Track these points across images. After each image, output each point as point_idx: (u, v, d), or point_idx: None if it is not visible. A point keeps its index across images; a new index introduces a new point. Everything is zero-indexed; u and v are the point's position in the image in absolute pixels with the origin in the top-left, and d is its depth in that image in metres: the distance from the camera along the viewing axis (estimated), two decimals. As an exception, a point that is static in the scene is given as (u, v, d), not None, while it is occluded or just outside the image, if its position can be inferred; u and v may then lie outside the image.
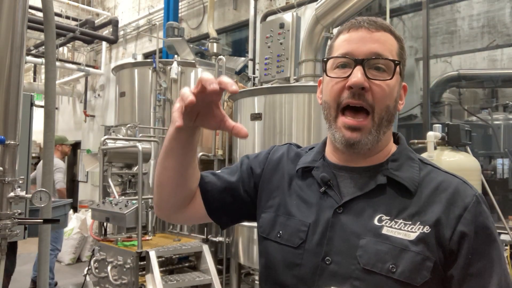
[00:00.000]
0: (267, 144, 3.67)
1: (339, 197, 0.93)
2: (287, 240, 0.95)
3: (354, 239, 0.87)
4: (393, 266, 0.83)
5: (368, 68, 0.89)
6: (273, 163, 1.09)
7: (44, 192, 1.75)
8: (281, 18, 4.29)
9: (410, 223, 0.86)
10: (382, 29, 0.92)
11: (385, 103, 0.90)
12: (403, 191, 0.89)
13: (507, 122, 4.94)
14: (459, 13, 5.45)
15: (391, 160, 0.94)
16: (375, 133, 0.90)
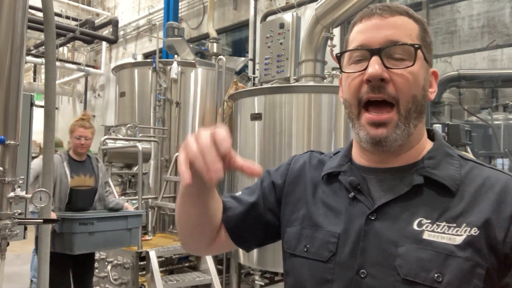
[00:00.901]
0: (267, 144, 3.67)
1: (370, 202, 0.83)
2: (315, 253, 0.86)
3: (391, 247, 0.77)
4: (438, 275, 0.73)
5: (387, 57, 0.80)
6: (294, 173, 0.99)
7: (44, 192, 1.75)
8: (281, 18, 4.29)
9: (454, 225, 0.76)
10: (397, 13, 0.83)
11: (411, 93, 0.80)
12: (443, 191, 0.80)
13: (507, 122, 4.94)
14: (459, 13, 5.45)
15: (427, 158, 0.84)
16: (404, 127, 0.80)
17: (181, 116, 5.02)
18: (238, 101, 4.09)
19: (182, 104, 5.01)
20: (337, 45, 4.10)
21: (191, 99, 5.07)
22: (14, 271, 5.85)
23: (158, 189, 4.76)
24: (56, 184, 3.11)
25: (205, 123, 5.08)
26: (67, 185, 3.18)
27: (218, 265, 4.30)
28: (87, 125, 3.31)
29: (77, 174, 3.28)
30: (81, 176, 3.29)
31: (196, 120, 5.10)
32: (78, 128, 3.26)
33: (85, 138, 3.27)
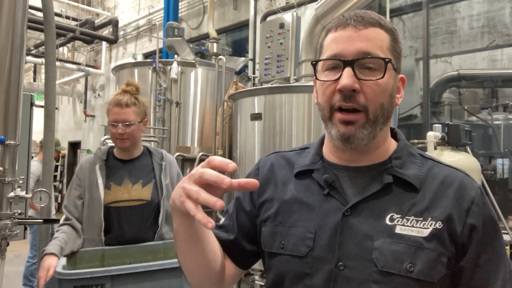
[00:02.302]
0: (267, 144, 3.67)
1: (344, 199, 0.89)
2: (292, 249, 0.91)
3: (367, 241, 0.84)
4: (410, 266, 0.81)
5: (359, 67, 0.86)
6: (264, 175, 1.03)
7: (44, 192, 1.76)
8: (281, 18, 4.29)
9: (421, 219, 0.84)
10: (370, 24, 0.88)
11: (379, 102, 0.87)
12: (409, 188, 0.88)
13: (507, 122, 4.94)
14: (459, 13, 5.45)
15: (394, 157, 0.92)
16: (370, 129, 0.87)
17: (181, 116, 5.02)
18: (238, 101, 4.09)
19: (182, 104, 5.01)
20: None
21: (191, 99, 5.07)
22: (14, 271, 5.86)
23: (158, 189, 4.76)
24: (85, 201, 2.02)
25: (205, 123, 5.08)
26: (99, 201, 1.97)
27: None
28: (125, 100, 2.01)
29: (119, 181, 2.05)
30: (126, 184, 2.06)
31: (196, 120, 5.10)
32: (112, 108, 2.03)
33: (124, 123, 2.00)
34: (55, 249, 1.77)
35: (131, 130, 2.02)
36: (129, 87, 2.07)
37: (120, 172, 2.09)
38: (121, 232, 1.98)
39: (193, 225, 0.85)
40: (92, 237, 1.96)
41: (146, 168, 2.13)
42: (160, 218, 2.03)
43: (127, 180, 2.07)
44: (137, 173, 2.10)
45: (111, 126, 2.03)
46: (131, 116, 2.02)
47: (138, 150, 2.16)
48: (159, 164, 2.14)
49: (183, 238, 0.88)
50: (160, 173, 2.11)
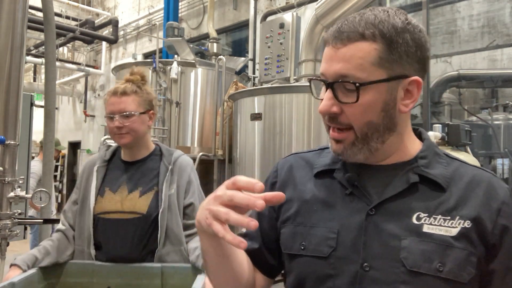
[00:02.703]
0: (267, 144, 3.67)
1: (368, 198, 0.87)
2: (314, 250, 0.88)
3: (394, 241, 0.82)
4: (440, 265, 0.79)
5: (342, 87, 0.82)
6: (283, 176, 1.01)
7: (44, 192, 1.75)
8: (281, 18, 4.29)
9: (449, 218, 0.82)
10: (349, 40, 0.81)
11: (363, 121, 0.83)
12: (436, 188, 0.86)
13: (507, 122, 4.94)
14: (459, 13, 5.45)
15: (420, 157, 0.89)
16: (361, 145, 0.85)
17: (181, 116, 5.02)
18: (238, 101, 4.09)
19: (182, 104, 5.01)
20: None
21: (191, 99, 5.07)
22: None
23: (158, 189, 4.75)
24: (78, 207, 1.75)
25: (205, 123, 5.08)
26: (89, 210, 1.68)
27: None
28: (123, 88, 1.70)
29: (114, 187, 1.72)
30: (122, 191, 1.71)
31: (196, 120, 5.10)
32: (109, 98, 1.72)
33: (121, 114, 1.67)
34: (22, 261, 1.54)
35: (130, 123, 1.67)
36: (133, 76, 1.75)
37: (120, 176, 1.74)
38: (112, 249, 1.64)
39: (221, 244, 0.83)
40: (82, 248, 1.68)
41: (150, 173, 1.74)
42: (159, 236, 1.64)
43: (124, 186, 1.71)
44: (138, 178, 1.73)
45: (108, 120, 1.70)
46: (130, 105, 1.68)
47: (145, 149, 1.78)
48: (166, 168, 1.73)
49: (213, 258, 0.87)
50: (164, 180, 1.70)
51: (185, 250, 1.70)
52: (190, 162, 1.83)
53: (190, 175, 1.78)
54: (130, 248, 1.64)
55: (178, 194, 1.72)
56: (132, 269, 1.61)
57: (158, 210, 1.66)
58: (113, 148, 1.84)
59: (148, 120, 1.76)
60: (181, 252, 1.69)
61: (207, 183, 4.84)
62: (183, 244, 1.70)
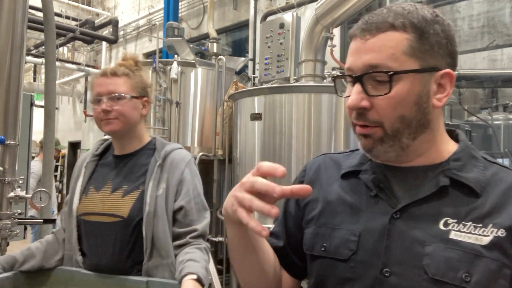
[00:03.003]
0: (267, 144, 3.67)
1: (393, 201, 0.83)
2: (334, 252, 0.85)
3: (417, 246, 0.77)
4: (467, 275, 0.73)
5: (371, 80, 0.79)
6: (310, 177, 0.99)
7: (44, 192, 1.75)
8: (281, 18, 4.29)
9: (480, 225, 0.76)
10: (379, 30, 0.79)
11: (395, 115, 0.79)
12: (469, 193, 0.80)
13: (507, 122, 4.94)
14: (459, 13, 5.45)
15: (453, 159, 0.83)
16: (392, 142, 0.80)
17: (181, 116, 5.02)
18: (238, 101, 4.09)
19: (182, 104, 5.01)
20: (337, 45, 4.09)
21: (191, 99, 5.07)
22: (14, 271, 5.85)
23: (158, 189, 4.76)
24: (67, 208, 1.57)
25: (205, 123, 5.08)
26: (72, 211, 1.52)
27: (218, 265, 4.30)
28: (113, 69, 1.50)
29: (99, 185, 1.52)
30: (106, 190, 1.51)
31: (196, 120, 5.10)
32: (96, 79, 1.52)
33: (110, 95, 1.46)
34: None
35: (120, 106, 1.44)
36: (125, 61, 1.54)
37: (108, 172, 1.53)
38: (93, 256, 1.45)
39: (248, 234, 0.82)
40: (71, 253, 1.50)
41: (139, 169, 1.50)
42: (145, 246, 1.40)
43: (109, 184, 1.50)
44: (124, 175, 1.50)
45: (95, 104, 1.47)
46: (120, 87, 1.46)
47: (137, 142, 1.55)
48: (157, 164, 1.48)
49: (238, 248, 0.85)
50: (151, 178, 1.45)
51: (172, 265, 1.41)
52: (186, 157, 1.55)
53: (183, 172, 1.50)
54: (111, 257, 1.42)
55: (167, 196, 1.45)
56: (116, 282, 1.40)
57: (142, 214, 1.42)
58: (108, 142, 1.61)
59: (141, 107, 1.53)
60: (169, 267, 1.41)
61: (207, 183, 4.84)
62: (171, 257, 1.42)
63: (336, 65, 4.25)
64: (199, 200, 1.52)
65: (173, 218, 1.47)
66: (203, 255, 1.42)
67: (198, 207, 1.50)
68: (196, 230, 1.46)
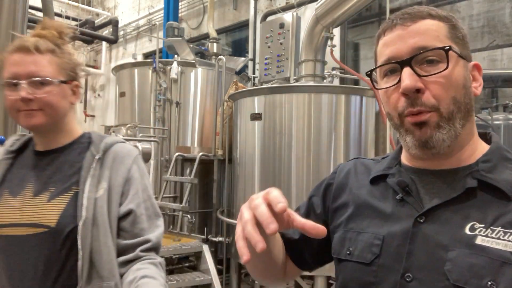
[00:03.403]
0: (267, 144, 3.67)
1: (419, 205, 0.81)
2: (358, 256, 0.85)
3: (440, 251, 0.75)
4: (492, 283, 0.69)
5: (418, 64, 0.78)
6: (340, 180, 0.99)
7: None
8: (281, 18, 4.29)
9: (511, 231, 0.72)
10: (419, 18, 0.81)
11: (450, 96, 0.78)
12: (499, 196, 0.76)
13: (507, 122, 4.94)
14: (459, 13, 5.45)
15: (482, 161, 0.81)
16: (448, 127, 0.78)
17: (181, 116, 5.03)
18: (238, 101, 4.09)
19: (182, 104, 5.01)
20: (337, 45, 4.10)
21: (191, 99, 5.07)
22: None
23: (158, 189, 4.76)
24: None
25: (205, 123, 5.08)
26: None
27: (218, 265, 4.30)
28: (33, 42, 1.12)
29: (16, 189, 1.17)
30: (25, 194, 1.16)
31: (196, 120, 5.10)
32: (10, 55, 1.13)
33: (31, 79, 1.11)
34: None
35: (45, 94, 1.12)
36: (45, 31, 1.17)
37: (27, 173, 1.19)
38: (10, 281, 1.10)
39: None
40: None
41: (70, 167, 1.18)
42: (80, 264, 1.07)
43: (29, 187, 1.16)
44: (50, 174, 1.18)
45: (8, 89, 1.11)
46: (45, 68, 1.13)
47: (65, 135, 1.23)
48: (93, 158, 1.17)
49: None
50: (87, 176, 1.14)
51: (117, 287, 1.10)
52: (133, 152, 1.26)
53: (131, 169, 1.21)
54: (32, 282, 1.08)
55: (109, 198, 1.15)
56: None
57: (76, 222, 1.09)
58: (28, 136, 1.28)
59: (70, 94, 1.21)
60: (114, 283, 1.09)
61: (207, 183, 4.84)
62: (115, 278, 1.10)
63: (336, 65, 4.25)
64: (150, 205, 1.24)
65: (118, 227, 1.16)
66: (159, 271, 1.13)
67: (149, 213, 1.22)
68: (148, 241, 1.16)
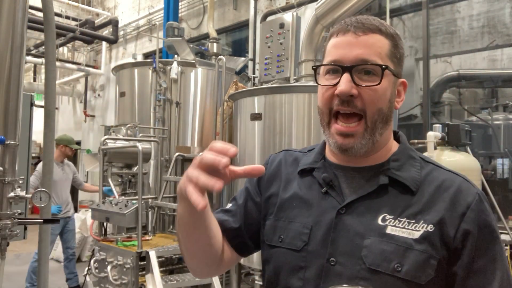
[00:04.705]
0: (267, 144, 3.67)
1: (341, 198, 0.92)
2: (289, 243, 0.95)
3: (358, 239, 0.87)
4: (398, 265, 0.83)
5: (357, 72, 0.88)
6: (271, 171, 1.08)
7: (44, 192, 1.76)
8: (281, 18, 4.29)
9: (413, 221, 0.86)
10: (370, 30, 0.90)
11: (377, 107, 0.89)
12: (405, 191, 0.90)
13: (507, 122, 4.94)
14: (459, 13, 5.44)
15: (392, 160, 0.94)
16: (369, 137, 0.90)
17: (181, 116, 5.02)
18: (238, 101, 4.09)
19: (182, 104, 5.01)
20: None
21: (191, 99, 5.07)
22: (14, 271, 5.85)
23: (158, 189, 4.76)
24: None
25: (205, 123, 5.08)
26: None
27: (218, 265, 4.30)
28: None
29: None
30: None
31: (196, 120, 5.10)
32: None
33: None
34: None
35: None
36: None
37: None
38: None
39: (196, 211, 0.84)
40: None
41: None
42: None
43: None
44: None
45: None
46: None
47: None
48: None
49: (187, 223, 0.91)
50: None
51: None
52: None
53: None
54: None
55: None
56: None
57: None
58: None
59: None
60: None
61: (207, 183, 4.83)
62: None
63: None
64: None
65: None
66: None
67: None
68: None
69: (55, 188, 4.96)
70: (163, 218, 4.77)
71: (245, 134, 3.94)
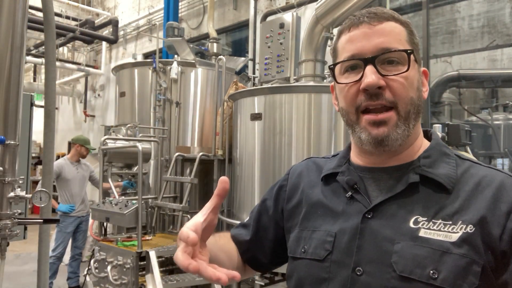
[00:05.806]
0: (267, 144, 3.67)
1: (367, 201, 0.84)
2: (312, 253, 0.87)
3: (387, 244, 0.78)
4: (434, 272, 0.73)
5: (380, 63, 0.81)
6: (293, 181, 1.02)
7: (44, 192, 1.75)
8: (281, 18, 4.29)
9: (450, 223, 0.76)
10: (384, 19, 0.83)
11: (408, 96, 0.81)
12: (439, 189, 0.80)
13: (507, 122, 4.94)
14: (459, 13, 5.45)
15: (423, 157, 0.85)
16: (404, 127, 0.81)
17: (181, 116, 5.02)
18: (238, 101, 4.09)
19: (182, 104, 5.01)
20: (337, 45, 4.08)
21: (191, 99, 5.07)
22: (14, 271, 5.85)
23: (158, 189, 4.76)
24: None
25: (205, 123, 5.08)
26: None
27: (218, 265, 4.29)
28: None
29: None
30: None
31: (196, 120, 5.09)
32: None
33: None
34: None
35: None
36: None
37: None
38: None
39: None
40: None
41: None
42: None
43: None
44: None
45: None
46: None
47: None
48: None
49: None
50: None
51: None
52: None
53: None
54: None
55: None
56: None
57: None
58: None
59: None
60: None
61: (207, 183, 4.84)
62: None
63: (336, 65, 4.24)
64: None
65: None
66: None
67: None
68: None
69: (68, 187, 4.99)
70: (163, 218, 4.77)
71: (245, 134, 3.94)
